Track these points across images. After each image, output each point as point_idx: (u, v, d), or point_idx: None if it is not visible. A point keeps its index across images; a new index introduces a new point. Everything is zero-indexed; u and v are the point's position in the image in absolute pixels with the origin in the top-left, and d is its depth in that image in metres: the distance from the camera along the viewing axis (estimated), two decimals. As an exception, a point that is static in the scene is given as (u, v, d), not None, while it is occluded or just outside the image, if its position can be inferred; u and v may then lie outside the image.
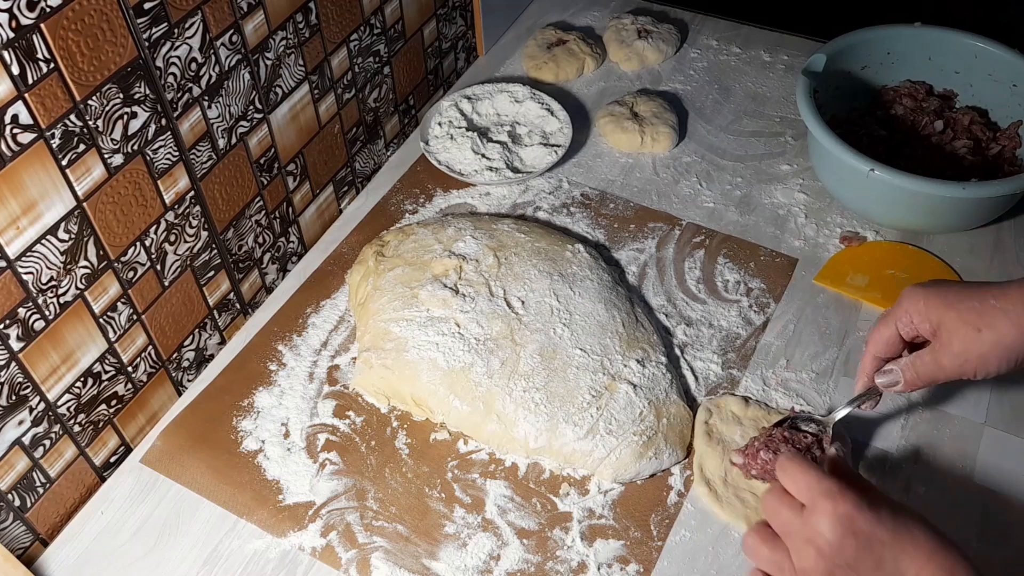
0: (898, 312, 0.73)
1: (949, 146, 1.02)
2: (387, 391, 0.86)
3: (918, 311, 0.71)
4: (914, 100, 1.07)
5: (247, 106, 0.89)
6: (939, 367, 0.71)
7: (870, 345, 0.75)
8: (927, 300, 0.71)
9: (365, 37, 1.03)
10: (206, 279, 0.91)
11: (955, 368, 0.70)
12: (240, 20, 0.84)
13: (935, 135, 1.03)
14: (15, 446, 0.75)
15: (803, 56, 1.23)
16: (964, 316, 0.69)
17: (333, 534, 0.78)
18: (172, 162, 0.82)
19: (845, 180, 0.97)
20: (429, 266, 0.91)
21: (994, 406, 0.85)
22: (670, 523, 0.78)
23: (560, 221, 1.04)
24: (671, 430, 0.82)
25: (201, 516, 0.80)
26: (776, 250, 1.00)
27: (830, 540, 0.60)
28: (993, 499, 0.79)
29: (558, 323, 0.86)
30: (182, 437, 0.85)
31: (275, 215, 0.98)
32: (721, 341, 0.91)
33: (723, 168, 1.10)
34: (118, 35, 0.71)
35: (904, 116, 1.06)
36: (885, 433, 0.83)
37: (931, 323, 0.71)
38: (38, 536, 0.80)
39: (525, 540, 0.77)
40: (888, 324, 0.74)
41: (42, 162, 0.69)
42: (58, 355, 0.76)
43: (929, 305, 0.71)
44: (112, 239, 0.78)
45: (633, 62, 1.24)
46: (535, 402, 0.81)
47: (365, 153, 1.12)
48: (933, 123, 1.04)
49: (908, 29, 1.07)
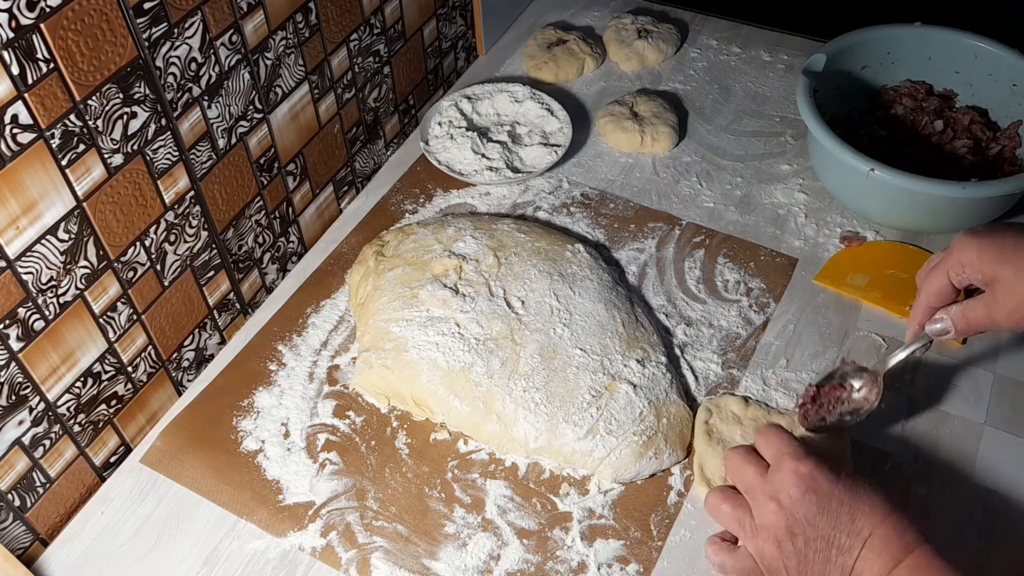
0: (949, 261, 0.71)
1: (949, 146, 1.02)
2: (387, 391, 0.86)
3: (971, 263, 0.70)
4: (914, 100, 1.07)
5: (247, 106, 0.89)
6: (992, 321, 0.70)
7: (922, 294, 0.74)
8: (980, 252, 0.69)
9: (365, 37, 1.03)
10: (206, 279, 0.91)
11: (1010, 324, 0.69)
12: (240, 20, 0.84)
13: (935, 135, 1.03)
14: (15, 446, 0.75)
15: (803, 56, 1.23)
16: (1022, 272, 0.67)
17: (333, 534, 0.78)
18: (172, 162, 0.82)
19: (845, 180, 0.97)
20: (429, 266, 0.91)
21: (994, 406, 0.85)
22: (670, 523, 0.78)
23: (560, 221, 1.04)
24: (671, 430, 0.82)
25: (201, 516, 0.80)
26: (776, 250, 1.00)
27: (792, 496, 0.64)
28: (993, 499, 0.79)
29: (558, 323, 0.86)
30: (182, 437, 0.85)
31: (275, 215, 0.98)
32: (721, 341, 0.91)
33: (723, 168, 1.10)
34: (118, 35, 0.71)
35: (904, 116, 1.06)
36: (885, 433, 0.83)
37: (984, 275, 0.69)
38: (38, 536, 0.80)
39: (525, 540, 0.77)
40: (940, 274, 0.72)
41: (42, 162, 0.69)
42: (58, 355, 0.76)
43: (983, 258, 0.69)
44: (112, 239, 0.78)
45: (633, 62, 1.24)
46: (535, 402, 0.81)
47: (365, 153, 1.12)
48: (933, 123, 1.04)
49: (908, 29, 1.07)
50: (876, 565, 0.61)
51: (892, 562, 0.61)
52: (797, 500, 0.64)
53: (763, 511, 0.66)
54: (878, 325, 0.92)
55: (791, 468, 0.65)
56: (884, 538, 0.61)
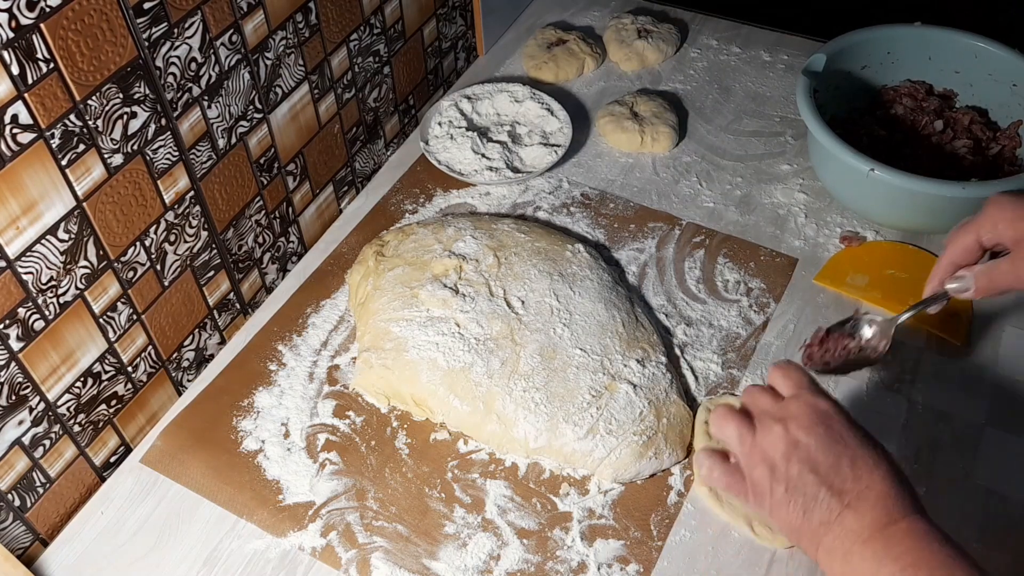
0: (982, 220, 0.73)
1: (949, 146, 1.02)
2: (387, 391, 0.86)
3: (1005, 219, 0.71)
4: (914, 100, 1.07)
5: (247, 106, 0.88)
6: (1018, 279, 0.71)
7: (948, 252, 0.75)
8: (1015, 210, 0.71)
9: (365, 37, 1.03)
10: (206, 279, 0.91)
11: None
12: (240, 20, 0.84)
13: (935, 135, 1.03)
14: (15, 446, 0.75)
15: (803, 56, 1.23)
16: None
17: (333, 534, 0.78)
18: (172, 162, 0.82)
19: (845, 180, 0.97)
20: (429, 266, 0.91)
21: (994, 406, 0.85)
22: (670, 523, 0.78)
23: (560, 221, 1.04)
24: (671, 430, 0.82)
25: (201, 516, 0.80)
26: (776, 250, 1.00)
27: (801, 422, 0.63)
28: (993, 499, 0.79)
29: (558, 323, 0.86)
30: (182, 437, 0.85)
31: (275, 215, 0.98)
32: (721, 341, 0.91)
33: (723, 168, 1.10)
34: (118, 35, 0.71)
35: (904, 116, 1.06)
36: (885, 433, 0.83)
37: (1017, 232, 0.70)
38: (38, 536, 0.80)
39: (525, 540, 0.77)
40: (970, 232, 0.74)
41: (42, 162, 0.69)
42: (58, 355, 0.76)
43: (1018, 215, 0.70)
44: (112, 239, 0.78)
45: (633, 62, 1.24)
46: (535, 402, 0.81)
47: (365, 153, 1.12)
48: (933, 123, 1.04)
49: (908, 29, 1.07)
50: (867, 517, 0.58)
51: (886, 519, 0.58)
52: (805, 428, 0.62)
53: (767, 431, 0.64)
54: (878, 325, 0.92)
55: (809, 400, 0.64)
56: (882, 495, 0.59)
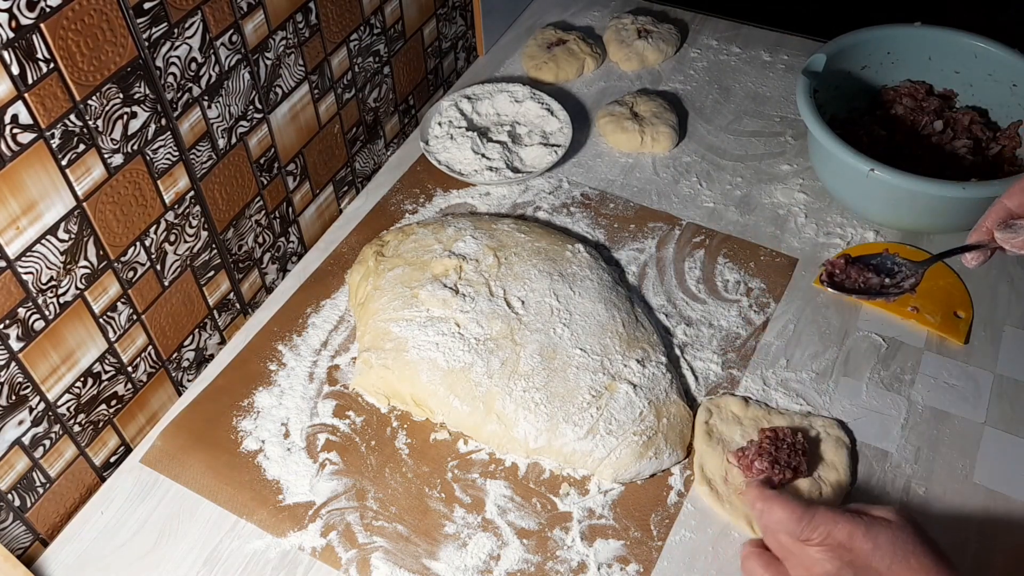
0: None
1: (949, 146, 1.02)
2: (387, 391, 0.86)
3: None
4: (914, 100, 1.07)
5: (247, 106, 0.88)
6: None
7: (1006, 197, 0.73)
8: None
9: (365, 37, 1.03)
10: (206, 279, 0.91)
11: None
12: (240, 20, 0.84)
13: (935, 135, 1.03)
14: (15, 446, 0.75)
15: (803, 56, 1.23)
16: None
17: (333, 534, 0.78)
18: (172, 162, 0.82)
19: (845, 180, 0.97)
20: (429, 266, 0.91)
21: (994, 406, 0.85)
22: (670, 523, 0.78)
23: (560, 221, 1.04)
24: (671, 430, 0.82)
25: (201, 516, 0.80)
26: (776, 250, 1.00)
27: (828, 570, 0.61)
28: (993, 499, 0.79)
29: (558, 323, 0.86)
30: (182, 437, 0.85)
31: (275, 215, 0.98)
32: (721, 341, 0.91)
33: (723, 168, 1.10)
34: (118, 35, 0.71)
35: (904, 116, 1.06)
36: (885, 433, 0.83)
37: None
38: (38, 536, 0.80)
39: (525, 540, 0.77)
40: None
41: (42, 162, 0.69)
42: (58, 355, 0.76)
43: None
44: (112, 239, 0.78)
45: (633, 62, 1.24)
46: (535, 402, 0.81)
47: (365, 153, 1.12)
48: (933, 123, 1.04)
49: (908, 29, 1.07)
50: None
51: None
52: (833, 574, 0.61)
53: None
54: (878, 325, 0.92)
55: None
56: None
